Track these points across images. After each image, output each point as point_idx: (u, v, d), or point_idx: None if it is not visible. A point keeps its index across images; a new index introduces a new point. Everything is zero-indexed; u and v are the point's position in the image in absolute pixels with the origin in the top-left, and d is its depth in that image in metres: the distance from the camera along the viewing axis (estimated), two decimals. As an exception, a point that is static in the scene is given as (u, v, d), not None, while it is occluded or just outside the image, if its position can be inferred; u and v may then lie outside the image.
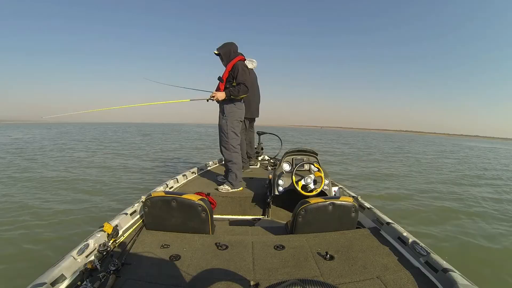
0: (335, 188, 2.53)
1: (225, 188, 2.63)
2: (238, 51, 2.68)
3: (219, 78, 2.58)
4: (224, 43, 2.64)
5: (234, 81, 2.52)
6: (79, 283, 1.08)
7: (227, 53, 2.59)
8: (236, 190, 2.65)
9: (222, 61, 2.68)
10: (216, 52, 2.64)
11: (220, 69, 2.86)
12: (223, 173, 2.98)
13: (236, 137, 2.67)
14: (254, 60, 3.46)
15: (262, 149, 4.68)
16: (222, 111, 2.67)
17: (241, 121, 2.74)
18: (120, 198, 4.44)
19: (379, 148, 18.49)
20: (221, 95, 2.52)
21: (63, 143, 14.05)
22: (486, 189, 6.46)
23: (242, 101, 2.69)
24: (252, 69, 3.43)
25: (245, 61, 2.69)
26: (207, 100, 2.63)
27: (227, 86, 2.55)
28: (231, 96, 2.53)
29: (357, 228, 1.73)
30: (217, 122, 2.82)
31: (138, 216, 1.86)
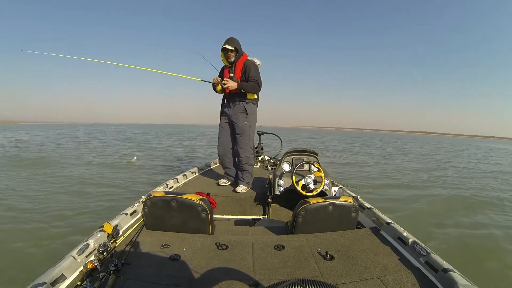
0: (335, 188, 2.54)
1: (243, 188, 2.66)
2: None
3: (232, 78, 2.52)
4: (235, 38, 2.52)
5: (246, 79, 2.52)
6: (79, 283, 1.08)
7: (240, 49, 2.51)
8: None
9: (227, 58, 2.54)
10: (231, 48, 2.45)
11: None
12: (223, 173, 2.97)
13: (253, 138, 2.74)
14: (258, 61, 3.42)
15: (262, 149, 4.68)
16: (243, 111, 2.60)
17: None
18: (122, 197, 4.45)
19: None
20: (234, 84, 2.47)
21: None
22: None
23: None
24: None
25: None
26: (215, 86, 2.57)
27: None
28: (242, 90, 2.51)
29: (357, 228, 1.73)
30: (216, 123, 2.80)
31: (138, 216, 1.86)
